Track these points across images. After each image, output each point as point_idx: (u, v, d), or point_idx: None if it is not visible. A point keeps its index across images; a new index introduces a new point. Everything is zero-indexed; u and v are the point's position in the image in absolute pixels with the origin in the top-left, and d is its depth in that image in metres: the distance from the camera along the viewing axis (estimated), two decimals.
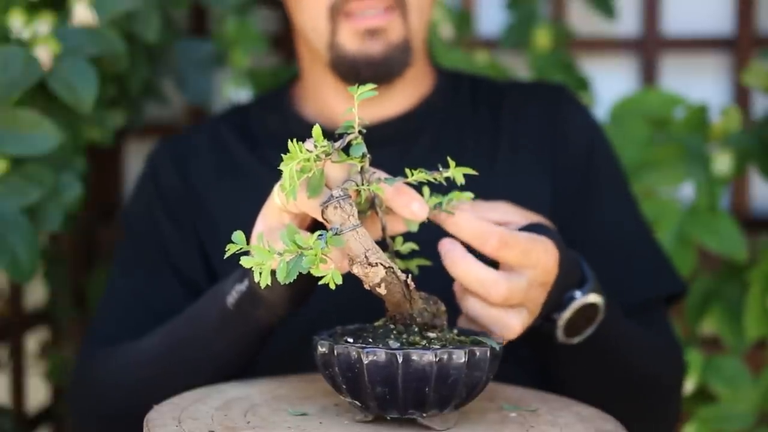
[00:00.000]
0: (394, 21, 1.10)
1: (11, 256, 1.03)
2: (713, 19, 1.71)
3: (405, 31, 1.11)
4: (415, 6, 1.11)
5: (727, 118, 1.53)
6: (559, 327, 0.95)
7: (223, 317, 0.94)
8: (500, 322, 0.87)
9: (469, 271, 0.85)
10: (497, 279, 0.85)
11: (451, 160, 0.85)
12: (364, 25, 1.09)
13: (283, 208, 0.84)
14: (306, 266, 0.74)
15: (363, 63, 1.10)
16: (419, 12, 1.12)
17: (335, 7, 1.09)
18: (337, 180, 0.81)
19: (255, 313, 0.92)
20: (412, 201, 0.83)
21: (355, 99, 0.78)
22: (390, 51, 1.10)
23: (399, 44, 1.10)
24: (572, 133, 1.18)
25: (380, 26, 1.09)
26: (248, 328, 0.94)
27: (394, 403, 0.77)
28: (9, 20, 1.10)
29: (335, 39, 1.10)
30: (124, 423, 1.01)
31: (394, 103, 1.17)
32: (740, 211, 1.67)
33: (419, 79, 1.19)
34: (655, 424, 1.13)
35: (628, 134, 1.54)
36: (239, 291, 0.92)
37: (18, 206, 1.05)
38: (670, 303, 1.18)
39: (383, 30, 1.10)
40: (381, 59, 1.10)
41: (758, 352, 1.58)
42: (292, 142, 0.76)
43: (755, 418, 1.50)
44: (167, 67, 1.51)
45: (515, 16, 1.66)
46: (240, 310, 0.92)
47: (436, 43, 1.60)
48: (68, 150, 1.17)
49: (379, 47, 1.10)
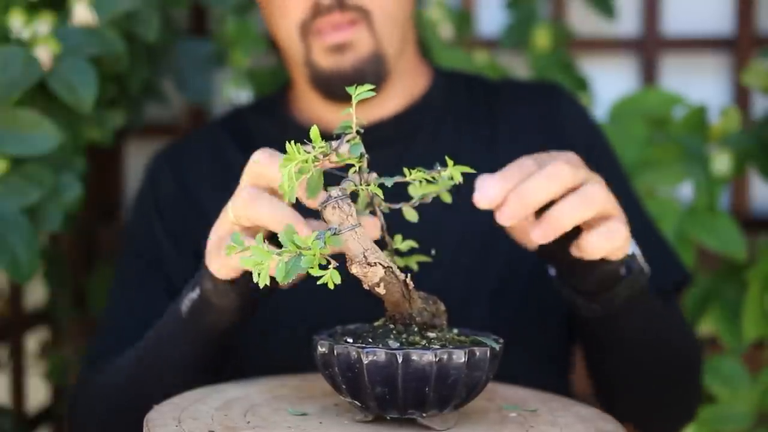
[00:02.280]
0: (359, 34, 1.10)
1: (11, 256, 1.03)
2: (713, 19, 1.72)
3: (373, 43, 1.11)
4: (380, 16, 1.10)
5: (727, 118, 1.53)
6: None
7: (178, 325, 0.96)
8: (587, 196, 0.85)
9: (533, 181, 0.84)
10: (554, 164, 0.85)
11: (449, 159, 0.85)
12: (330, 41, 1.10)
13: (235, 222, 0.85)
14: (305, 266, 0.74)
15: (336, 78, 1.11)
16: (387, 20, 1.11)
17: (304, 26, 1.10)
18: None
19: (207, 320, 0.94)
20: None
21: (353, 99, 0.78)
22: (360, 64, 1.10)
23: (368, 56, 1.11)
24: (570, 131, 1.18)
25: (346, 41, 1.10)
26: (202, 334, 0.96)
27: (394, 403, 0.77)
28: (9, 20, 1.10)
29: (310, 56, 1.12)
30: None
31: (389, 104, 1.17)
32: (739, 211, 1.68)
33: (413, 79, 1.20)
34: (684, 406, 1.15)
35: (628, 134, 1.54)
36: (191, 299, 0.94)
37: (18, 206, 1.05)
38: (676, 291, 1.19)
39: (350, 44, 1.10)
40: (352, 73, 1.10)
41: (757, 352, 1.58)
42: (289, 144, 0.76)
43: (754, 418, 1.50)
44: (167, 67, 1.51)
45: (515, 16, 1.66)
46: (193, 317, 0.94)
47: (435, 43, 1.60)
48: (68, 150, 1.17)
49: (348, 61, 1.10)
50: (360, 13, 1.09)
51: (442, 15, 1.63)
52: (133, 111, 1.47)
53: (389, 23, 1.11)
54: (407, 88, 1.18)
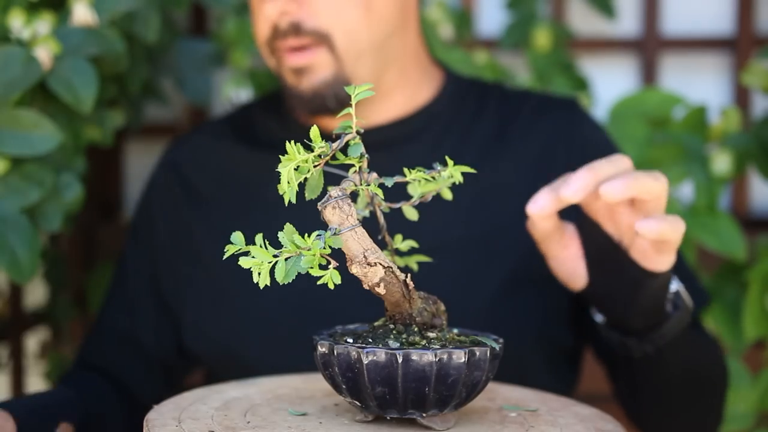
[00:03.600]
0: (318, 58, 1.08)
1: (11, 256, 1.03)
2: (713, 19, 1.72)
3: (336, 66, 1.09)
4: (343, 39, 1.08)
5: (727, 118, 1.53)
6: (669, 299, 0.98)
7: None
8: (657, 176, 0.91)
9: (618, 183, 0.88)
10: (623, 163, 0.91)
11: (449, 159, 0.85)
12: (288, 64, 1.09)
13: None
14: (305, 266, 0.74)
15: (297, 98, 1.11)
16: (353, 43, 1.08)
17: (269, 44, 1.11)
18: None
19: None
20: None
21: (352, 99, 0.78)
22: (318, 87, 1.09)
23: (330, 79, 1.09)
24: (586, 149, 1.16)
25: (303, 65, 1.09)
26: None
27: (394, 403, 0.77)
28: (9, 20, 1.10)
29: (280, 71, 1.13)
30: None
31: (386, 110, 1.15)
32: (739, 211, 1.68)
33: (418, 86, 1.18)
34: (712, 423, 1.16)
35: (628, 134, 1.54)
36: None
37: (18, 206, 1.05)
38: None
39: (308, 68, 1.09)
40: (311, 95, 1.09)
41: (757, 352, 1.58)
42: (289, 143, 0.76)
43: (754, 418, 1.50)
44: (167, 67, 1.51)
45: (515, 16, 1.66)
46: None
47: (435, 43, 1.60)
48: (68, 150, 1.17)
49: (306, 85, 1.09)
50: (319, 37, 1.07)
51: (442, 15, 1.63)
52: (133, 111, 1.47)
53: (356, 47, 1.09)
54: (410, 95, 1.17)
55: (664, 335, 0.98)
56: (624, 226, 0.94)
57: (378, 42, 1.11)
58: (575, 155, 1.14)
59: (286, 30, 1.08)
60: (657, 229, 0.88)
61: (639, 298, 0.95)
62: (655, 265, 0.93)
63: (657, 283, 0.94)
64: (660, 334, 0.98)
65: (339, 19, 1.07)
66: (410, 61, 1.17)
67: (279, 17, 1.08)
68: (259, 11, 1.10)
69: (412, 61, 1.17)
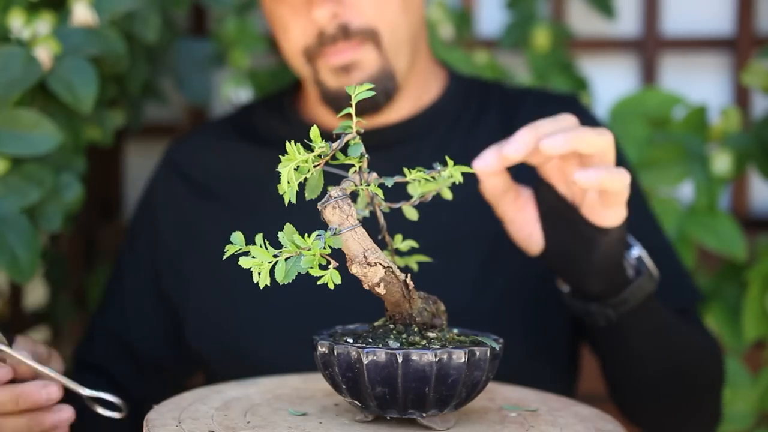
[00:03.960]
0: (366, 53, 1.09)
1: (11, 256, 1.03)
2: (713, 19, 1.72)
3: (381, 60, 1.10)
4: (388, 33, 1.09)
5: (727, 118, 1.53)
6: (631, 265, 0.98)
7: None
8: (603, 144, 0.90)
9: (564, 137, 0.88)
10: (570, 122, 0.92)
11: (449, 159, 0.85)
12: (336, 62, 1.09)
13: None
14: (305, 266, 0.74)
15: (344, 98, 1.09)
16: (396, 36, 1.10)
17: (309, 51, 1.10)
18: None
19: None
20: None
21: (352, 99, 0.78)
22: (368, 82, 1.08)
23: (376, 74, 1.10)
24: None
25: (351, 61, 1.09)
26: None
27: (394, 403, 0.77)
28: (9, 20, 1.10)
29: (318, 77, 1.11)
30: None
31: (395, 110, 1.16)
32: (739, 211, 1.68)
33: (425, 85, 1.18)
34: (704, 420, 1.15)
35: (628, 134, 1.54)
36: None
37: (18, 206, 1.05)
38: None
39: (356, 64, 1.09)
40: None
41: (757, 352, 1.58)
42: (289, 143, 0.76)
43: (754, 418, 1.50)
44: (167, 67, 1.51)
45: (515, 16, 1.66)
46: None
47: (435, 43, 1.60)
48: (68, 150, 1.17)
49: (355, 81, 1.09)
50: (366, 35, 1.08)
51: (442, 15, 1.63)
52: (133, 111, 1.47)
53: (398, 39, 1.10)
54: (417, 94, 1.17)
55: (626, 300, 0.98)
56: (574, 184, 0.94)
57: (413, 33, 1.13)
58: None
59: (335, 34, 1.07)
60: (594, 177, 0.88)
61: (592, 256, 0.94)
62: (604, 219, 0.93)
63: (609, 239, 0.94)
64: (621, 299, 0.97)
65: (383, 14, 1.09)
66: (421, 56, 1.18)
67: (329, 21, 1.07)
68: (296, 20, 1.09)
69: (424, 58, 1.19)
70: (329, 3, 1.06)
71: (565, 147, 0.88)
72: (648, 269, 0.99)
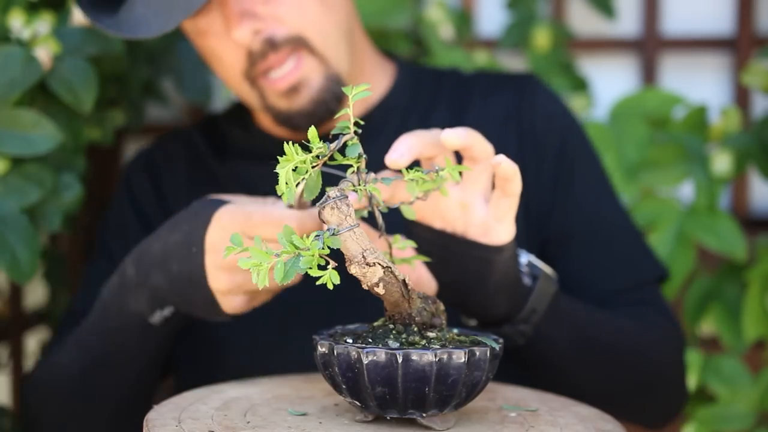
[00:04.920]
0: (306, 67, 1.07)
1: (11, 256, 1.03)
2: (713, 19, 1.72)
3: (323, 67, 1.08)
4: (317, 37, 1.07)
5: (727, 118, 1.53)
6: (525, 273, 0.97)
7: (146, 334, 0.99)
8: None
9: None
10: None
11: (448, 159, 0.85)
12: (281, 86, 1.07)
13: None
14: (303, 267, 0.74)
15: (296, 116, 1.09)
16: (327, 38, 1.08)
17: (247, 74, 1.07)
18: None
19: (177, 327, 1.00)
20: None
21: (350, 99, 0.78)
22: (318, 95, 1.08)
23: (324, 84, 1.08)
24: (541, 123, 1.16)
25: (296, 81, 1.07)
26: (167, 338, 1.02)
27: (394, 403, 0.77)
28: (9, 20, 1.10)
29: (266, 101, 1.09)
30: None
31: None
32: (739, 211, 1.68)
33: (373, 79, 1.17)
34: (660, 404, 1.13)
35: (628, 134, 1.54)
36: (164, 316, 0.97)
37: (18, 206, 1.05)
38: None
39: (301, 82, 1.07)
40: (312, 107, 1.08)
41: (757, 352, 1.58)
42: (287, 144, 0.76)
43: (754, 418, 1.50)
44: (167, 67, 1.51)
45: (515, 16, 1.66)
46: (164, 327, 0.99)
47: (435, 43, 1.60)
48: (68, 150, 1.17)
49: (305, 99, 1.08)
50: (294, 43, 1.06)
51: (442, 15, 1.63)
52: (133, 111, 1.47)
53: (329, 40, 1.08)
54: None
55: (534, 309, 0.96)
56: (452, 211, 0.91)
57: (344, 30, 1.10)
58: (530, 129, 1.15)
59: (263, 49, 1.05)
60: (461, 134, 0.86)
61: (490, 279, 0.92)
62: (497, 237, 0.90)
63: (504, 257, 0.91)
64: (529, 310, 0.96)
65: (305, 19, 1.06)
66: (363, 52, 1.17)
67: (252, 39, 1.05)
68: (223, 47, 1.07)
69: (364, 51, 1.17)
70: (246, 21, 1.04)
71: (466, 140, 0.86)
72: (542, 271, 0.97)
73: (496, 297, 0.94)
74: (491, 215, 0.89)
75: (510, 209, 0.89)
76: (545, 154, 1.15)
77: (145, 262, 0.95)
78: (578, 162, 1.16)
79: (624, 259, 1.14)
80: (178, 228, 0.94)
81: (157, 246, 0.95)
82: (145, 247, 0.97)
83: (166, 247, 0.94)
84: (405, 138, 0.87)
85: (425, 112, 1.17)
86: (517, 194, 0.88)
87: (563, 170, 1.15)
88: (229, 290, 0.91)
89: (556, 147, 1.15)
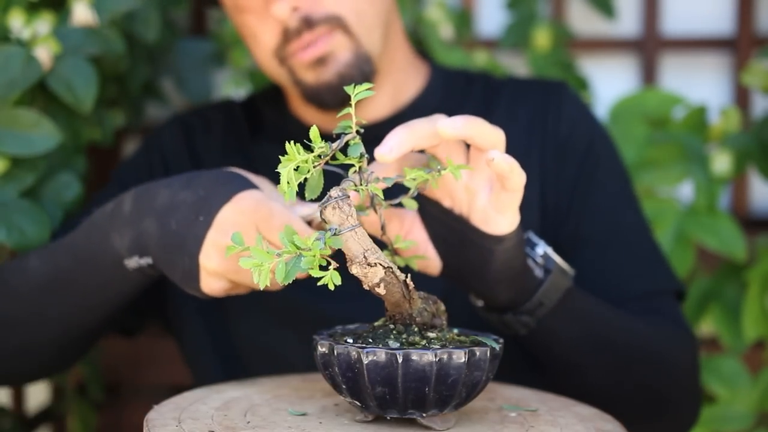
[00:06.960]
0: (336, 41, 1.08)
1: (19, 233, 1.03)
2: (713, 19, 1.72)
3: (354, 45, 1.08)
4: (354, 17, 1.08)
5: (727, 118, 1.53)
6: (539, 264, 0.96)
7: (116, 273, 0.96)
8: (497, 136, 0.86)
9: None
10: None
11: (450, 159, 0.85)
12: (308, 57, 1.07)
13: None
14: (305, 267, 0.74)
15: (324, 90, 1.09)
16: (363, 19, 1.09)
17: (279, 51, 1.09)
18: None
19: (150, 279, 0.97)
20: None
21: (352, 99, 0.78)
22: (344, 69, 1.08)
23: (352, 59, 1.08)
24: (566, 125, 1.16)
25: (323, 53, 1.07)
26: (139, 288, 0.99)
27: (394, 403, 0.77)
28: (9, 20, 1.10)
29: (296, 77, 1.10)
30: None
31: (380, 105, 1.15)
32: (739, 211, 1.68)
33: (406, 79, 1.18)
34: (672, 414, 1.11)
35: (628, 134, 1.54)
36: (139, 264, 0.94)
37: (16, 191, 1.05)
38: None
39: (329, 54, 1.08)
40: (338, 81, 1.08)
41: (757, 352, 1.58)
42: (289, 144, 0.76)
43: (754, 418, 1.50)
44: (167, 67, 1.51)
45: (515, 16, 1.66)
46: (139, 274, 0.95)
47: (435, 43, 1.60)
48: (68, 150, 1.17)
49: (332, 72, 1.08)
50: (331, 22, 1.07)
51: (442, 15, 1.63)
52: (133, 111, 1.47)
53: (366, 22, 1.09)
54: (399, 88, 1.17)
55: (542, 302, 0.95)
56: (459, 193, 0.90)
57: (382, 18, 1.11)
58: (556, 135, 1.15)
59: (299, 27, 1.06)
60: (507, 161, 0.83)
61: (491, 267, 0.91)
62: (497, 227, 0.89)
63: (505, 247, 0.90)
64: (536, 302, 0.95)
65: (344, 0, 1.08)
66: (397, 48, 1.17)
67: (290, 16, 1.06)
68: (260, 24, 1.09)
69: (398, 48, 1.17)
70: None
71: (463, 130, 0.84)
72: (557, 265, 0.96)
73: (497, 285, 0.93)
74: (492, 205, 0.88)
75: (511, 203, 0.88)
76: (567, 156, 1.15)
77: (144, 205, 0.92)
78: (602, 168, 1.16)
79: (640, 267, 1.12)
80: (194, 188, 0.91)
81: (164, 194, 0.92)
82: (152, 190, 0.93)
83: (172, 201, 0.91)
84: (397, 131, 0.84)
85: (453, 114, 1.17)
86: (518, 189, 0.86)
87: (585, 175, 1.14)
88: (216, 273, 0.88)
89: (580, 151, 1.15)
